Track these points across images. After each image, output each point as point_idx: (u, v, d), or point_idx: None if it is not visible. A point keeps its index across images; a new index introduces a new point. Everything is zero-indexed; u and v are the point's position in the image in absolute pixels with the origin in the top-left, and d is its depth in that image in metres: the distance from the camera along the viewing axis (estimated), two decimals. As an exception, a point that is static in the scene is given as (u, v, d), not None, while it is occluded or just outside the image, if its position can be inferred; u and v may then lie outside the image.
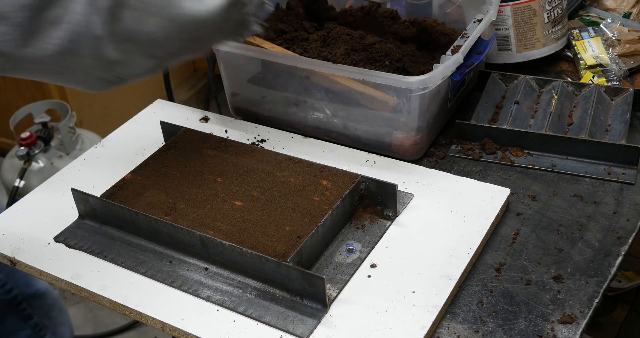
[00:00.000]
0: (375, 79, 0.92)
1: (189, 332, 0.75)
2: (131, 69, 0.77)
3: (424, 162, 0.99)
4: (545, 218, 0.88)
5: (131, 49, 0.75)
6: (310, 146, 1.01)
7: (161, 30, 0.75)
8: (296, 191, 0.87)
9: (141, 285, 0.81)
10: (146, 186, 0.90)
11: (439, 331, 0.75)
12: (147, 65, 0.78)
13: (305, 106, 1.02)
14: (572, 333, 0.73)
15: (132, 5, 0.72)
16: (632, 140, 0.99)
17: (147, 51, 0.76)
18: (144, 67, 0.78)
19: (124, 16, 0.72)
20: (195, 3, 0.76)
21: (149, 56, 0.77)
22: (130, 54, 0.75)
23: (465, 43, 0.96)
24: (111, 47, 0.73)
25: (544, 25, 1.11)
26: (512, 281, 0.80)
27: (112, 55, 0.74)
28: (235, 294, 0.78)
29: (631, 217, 0.87)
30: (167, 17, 0.75)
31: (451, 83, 1.00)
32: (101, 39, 0.72)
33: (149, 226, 0.84)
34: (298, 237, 0.79)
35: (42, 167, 1.95)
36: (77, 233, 0.89)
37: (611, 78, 1.12)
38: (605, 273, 0.80)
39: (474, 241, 0.83)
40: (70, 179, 0.99)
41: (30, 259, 0.86)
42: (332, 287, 0.78)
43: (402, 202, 0.89)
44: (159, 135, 1.04)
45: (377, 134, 0.98)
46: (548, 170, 0.95)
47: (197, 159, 0.94)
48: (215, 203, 0.86)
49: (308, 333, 0.73)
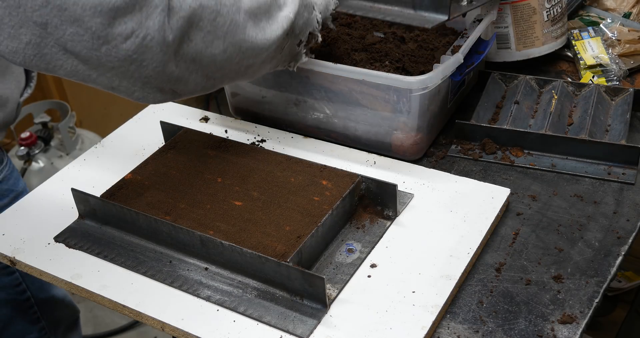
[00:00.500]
0: (375, 79, 0.92)
1: (189, 332, 0.75)
2: (188, 86, 0.80)
3: (424, 162, 0.99)
4: (545, 218, 0.88)
5: (193, 68, 0.78)
6: (310, 146, 1.01)
7: (223, 54, 0.79)
8: (296, 191, 0.87)
9: (141, 285, 0.81)
10: (146, 186, 0.90)
11: (439, 331, 0.75)
12: (203, 84, 0.81)
13: (305, 106, 1.02)
14: (572, 333, 0.73)
15: (204, 28, 0.76)
16: (632, 140, 0.99)
17: (207, 72, 0.80)
18: (200, 86, 0.81)
19: (194, 37, 0.75)
20: (259, 32, 0.81)
21: (207, 76, 0.80)
22: (192, 72, 0.78)
23: (465, 43, 0.96)
24: (175, 64, 0.75)
25: (544, 23, 1.11)
26: (512, 281, 0.80)
27: (174, 72, 0.76)
28: (235, 294, 0.78)
29: (631, 217, 0.87)
30: (232, 42, 0.79)
31: (451, 83, 1.00)
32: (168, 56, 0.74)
33: (149, 226, 0.84)
34: (298, 237, 0.79)
35: (42, 167, 1.96)
36: (77, 233, 0.89)
37: (611, 78, 1.12)
38: (605, 273, 0.80)
39: (474, 241, 0.83)
40: (70, 179, 0.99)
41: (30, 259, 0.86)
42: (332, 287, 0.78)
43: (402, 202, 0.89)
44: (159, 135, 1.04)
45: (377, 134, 0.98)
46: (548, 170, 0.95)
47: (197, 159, 0.94)
48: (215, 203, 0.86)
49: (308, 333, 0.73)
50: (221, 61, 0.80)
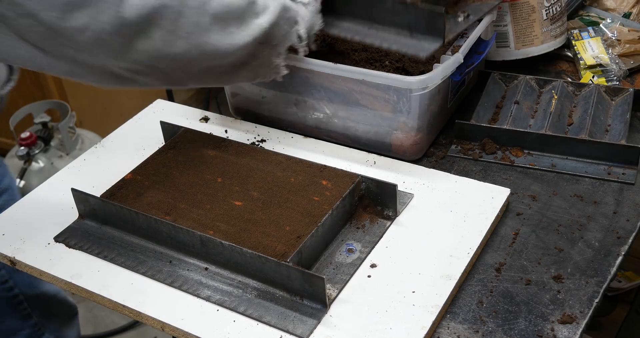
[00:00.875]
0: (375, 79, 0.92)
1: (189, 332, 0.75)
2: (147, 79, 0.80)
3: (424, 162, 0.99)
4: (545, 218, 0.88)
5: (151, 64, 0.78)
6: (310, 146, 1.01)
7: (185, 54, 0.79)
8: (296, 191, 0.87)
9: (141, 285, 0.81)
10: (146, 186, 0.90)
11: (439, 331, 0.75)
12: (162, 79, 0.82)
13: (305, 106, 1.02)
14: (572, 333, 0.73)
15: (165, 26, 0.76)
16: (632, 140, 0.99)
17: (167, 69, 0.80)
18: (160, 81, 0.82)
19: (153, 35, 0.76)
20: (225, 36, 0.80)
21: (166, 73, 0.81)
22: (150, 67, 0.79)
23: (465, 43, 0.96)
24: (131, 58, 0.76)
25: (543, 22, 1.11)
26: (512, 281, 0.80)
27: (132, 65, 0.77)
28: (235, 294, 0.78)
29: (631, 217, 0.87)
30: (195, 43, 0.79)
31: (451, 83, 1.00)
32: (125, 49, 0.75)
33: (149, 226, 0.84)
34: (298, 237, 0.79)
35: (42, 167, 1.96)
36: (77, 233, 0.89)
37: (611, 78, 1.12)
38: (605, 273, 0.80)
39: (474, 241, 0.83)
40: (70, 179, 0.99)
41: (30, 259, 0.86)
42: (332, 287, 0.78)
43: (402, 202, 0.89)
44: (159, 135, 1.04)
45: (377, 134, 0.98)
46: (548, 170, 0.95)
47: (197, 159, 0.94)
48: (215, 203, 0.86)
49: (308, 333, 0.73)
50: (182, 61, 0.80)
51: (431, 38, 0.93)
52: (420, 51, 0.92)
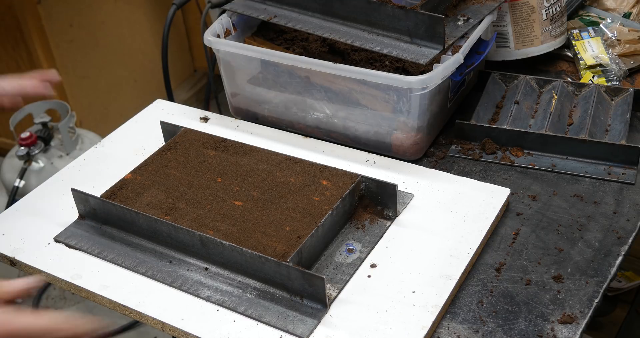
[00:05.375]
0: (375, 79, 0.92)
1: (189, 332, 0.75)
2: None
3: (424, 162, 0.99)
4: (545, 218, 0.88)
5: None
6: (310, 146, 1.01)
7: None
8: (296, 191, 0.87)
9: (141, 285, 0.81)
10: (146, 186, 0.90)
11: (439, 331, 0.75)
12: None
13: (305, 106, 1.02)
14: (572, 333, 0.73)
15: None
16: (632, 140, 0.99)
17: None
18: None
19: None
20: None
21: None
22: None
23: (466, 43, 0.96)
24: None
25: (542, 22, 1.11)
26: (512, 281, 0.80)
27: None
28: (235, 294, 0.78)
29: (631, 217, 0.87)
30: None
31: (451, 83, 1.00)
32: None
33: (149, 226, 0.84)
34: (298, 237, 0.79)
35: (42, 167, 1.95)
36: (77, 233, 0.89)
37: (611, 78, 1.12)
38: (605, 273, 0.80)
39: (474, 241, 0.83)
40: (70, 179, 0.99)
41: (30, 259, 0.86)
42: (332, 287, 0.78)
43: (402, 202, 0.89)
44: (159, 135, 1.04)
45: (377, 134, 0.98)
46: (548, 170, 0.95)
47: (197, 159, 0.94)
48: (215, 203, 0.86)
49: (308, 333, 0.73)
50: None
51: (431, 44, 0.93)
52: (420, 56, 0.92)
